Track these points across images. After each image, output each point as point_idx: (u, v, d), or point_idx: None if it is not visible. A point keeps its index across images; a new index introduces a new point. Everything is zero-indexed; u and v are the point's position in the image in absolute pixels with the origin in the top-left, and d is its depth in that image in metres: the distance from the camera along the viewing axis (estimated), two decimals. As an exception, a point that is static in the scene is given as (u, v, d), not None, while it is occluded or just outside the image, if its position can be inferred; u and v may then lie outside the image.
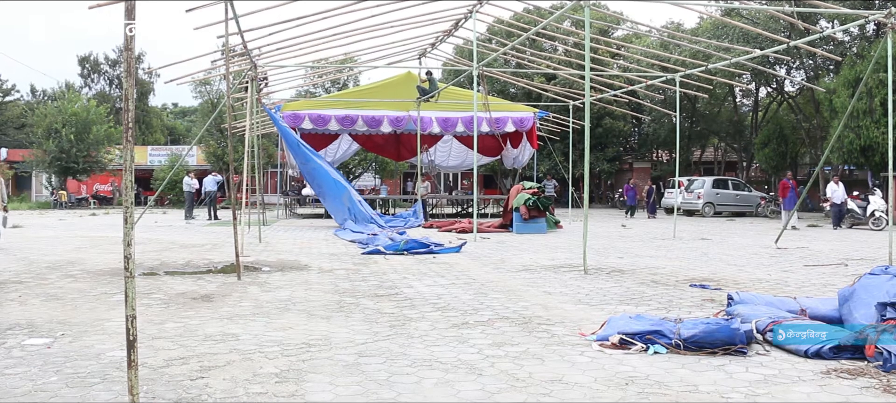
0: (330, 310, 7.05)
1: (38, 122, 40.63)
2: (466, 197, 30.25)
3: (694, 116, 41.20)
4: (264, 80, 19.30)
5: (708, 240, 16.85)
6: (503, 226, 19.52)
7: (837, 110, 26.22)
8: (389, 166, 40.48)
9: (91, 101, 43.57)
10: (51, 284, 8.82)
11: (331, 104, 24.92)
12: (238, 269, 9.59)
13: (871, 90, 24.95)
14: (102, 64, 57.55)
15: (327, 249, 13.97)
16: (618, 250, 13.89)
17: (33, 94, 58.58)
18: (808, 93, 32.92)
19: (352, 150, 29.33)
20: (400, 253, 12.70)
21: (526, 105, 27.13)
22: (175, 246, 14.64)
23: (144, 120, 54.45)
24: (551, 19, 16.26)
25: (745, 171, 41.58)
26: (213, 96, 42.59)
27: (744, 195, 31.84)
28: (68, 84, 52.50)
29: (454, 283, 9.00)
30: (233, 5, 11.10)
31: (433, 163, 29.06)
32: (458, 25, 19.32)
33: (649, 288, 8.58)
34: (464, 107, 23.24)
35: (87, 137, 39.51)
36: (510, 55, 23.36)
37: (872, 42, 27.52)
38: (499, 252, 13.35)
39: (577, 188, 28.28)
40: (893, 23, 11.74)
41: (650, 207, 29.82)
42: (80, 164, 39.60)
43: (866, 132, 25.48)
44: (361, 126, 24.27)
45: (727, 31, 27.76)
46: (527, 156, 26.10)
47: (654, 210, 29.88)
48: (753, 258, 12.65)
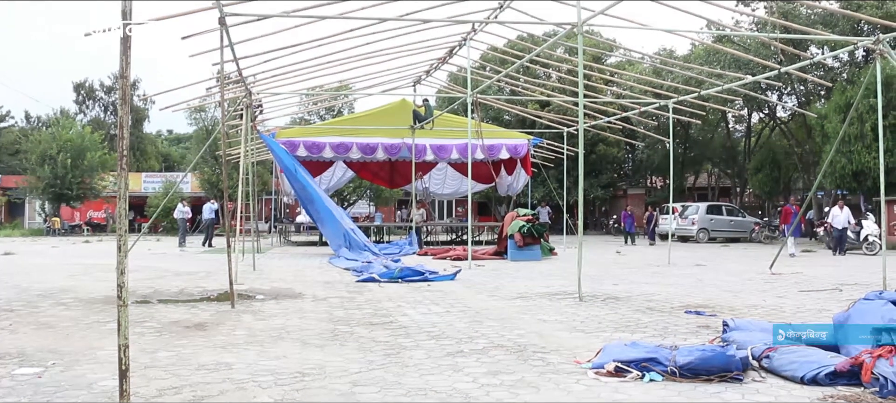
0: (324, 339, 7.01)
1: (33, 149, 40.58)
2: (461, 224, 30.24)
3: (687, 142, 41.39)
4: (259, 107, 19.36)
5: (703, 266, 16.85)
6: (498, 254, 19.49)
7: (829, 135, 26.37)
8: (384, 193, 40.48)
9: (86, 128, 43.57)
10: (42, 312, 8.76)
11: (325, 131, 24.95)
12: (232, 297, 9.54)
13: (861, 115, 25.12)
14: (97, 90, 57.63)
15: (321, 277, 13.92)
16: (613, 277, 13.87)
17: (28, 121, 58.59)
18: (800, 118, 33.10)
19: (346, 178, 29.35)
20: (394, 280, 12.65)
21: (520, 132, 27.23)
22: (169, 273, 14.57)
23: (139, 147, 54.43)
24: (545, 46, 16.39)
25: (738, 197, 41.71)
26: (207, 123, 42.62)
27: (738, 220, 31.90)
28: (63, 110, 52.54)
29: (449, 311, 8.97)
30: (228, 32, 11.15)
31: (428, 191, 29.08)
32: (453, 53, 19.44)
33: (645, 315, 8.56)
34: (458, 135, 23.32)
35: (81, 164, 39.45)
36: (504, 82, 23.49)
37: (862, 68, 27.77)
38: (494, 279, 13.32)
39: (571, 215, 28.26)
40: (882, 49, 11.84)
41: (650, 234, 29.30)
42: (74, 191, 39.50)
43: (858, 157, 25.63)
44: (356, 153, 24.29)
45: (719, 58, 27.95)
46: (521, 182, 26.15)
47: (653, 236, 29.26)
48: (748, 283, 12.65)
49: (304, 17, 12.17)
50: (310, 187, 20.41)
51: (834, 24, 25.97)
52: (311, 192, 20.31)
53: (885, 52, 11.89)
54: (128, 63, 4.94)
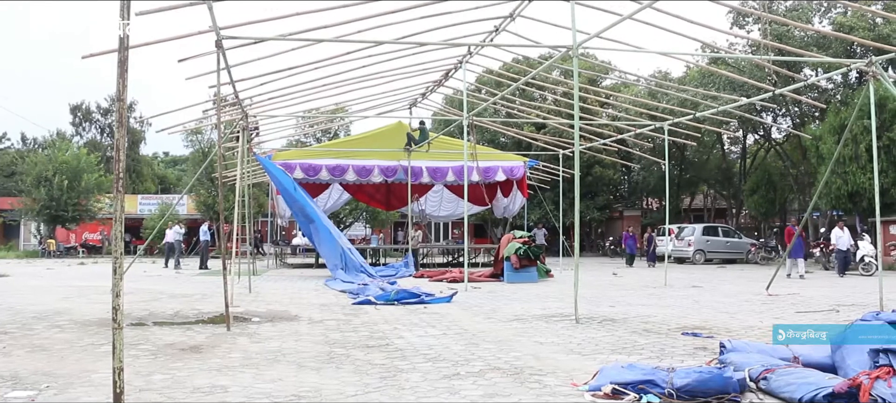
0: (320, 362, 6.98)
1: (29, 170, 40.54)
2: (457, 246, 30.21)
3: (683, 164, 41.51)
4: (255, 130, 19.39)
5: (699, 288, 16.84)
6: (494, 276, 19.46)
7: (824, 156, 26.50)
8: (380, 216, 40.46)
9: (82, 150, 43.57)
10: (37, 335, 8.71)
11: (322, 154, 24.99)
12: (227, 320, 9.50)
13: (856, 136, 25.27)
14: (94, 112, 57.68)
15: (317, 299, 13.87)
16: (609, 298, 13.85)
17: (24, 143, 58.59)
18: (794, 139, 33.27)
19: (342, 200, 29.35)
20: (391, 303, 12.61)
21: (516, 154, 27.29)
22: (164, 296, 14.52)
23: (135, 168, 54.42)
24: (540, 69, 16.46)
25: (734, 218, 41.79)
26: (204, 145, 42.66)
27: (734, 242, 31.93)
28: (60, 132, 52.57)
29: (445, 333, 8.94)
30: (225, 55, 11.19)
31: (424, 213, 29.07)
32: (449, 76, 19.53)
33: (641, 337, 8.55)
34: (454, 157, 23.36)
35: (77, 185, 39.41)
36: (500, 105, 23.55)
37: (855, 89, 27.95)
38: (490, 301, 13.29)
39: (567, 236, 28.26)
40: (875, 71, 11.92)
41: (650, 255, 28.94)
42: (70, 213, 39.42)
43: (853, 178, 25.74)
44: (352, 175, 24.30)
45: (714, 80, 28.13)
46: (517, 204, 26.17)
47: (654, 258, 28.77)
48: (745, 305, 12.63)
49: (301, 41, 12.22)
50: (308, 207, 20.36)
51: (827, 47, 26.18)
52: (310, 212, 20.26)
53: (878, 74, 11.98)
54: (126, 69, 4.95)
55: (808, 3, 28.68)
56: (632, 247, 29.25)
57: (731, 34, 27.48)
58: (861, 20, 25.90)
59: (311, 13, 11.26)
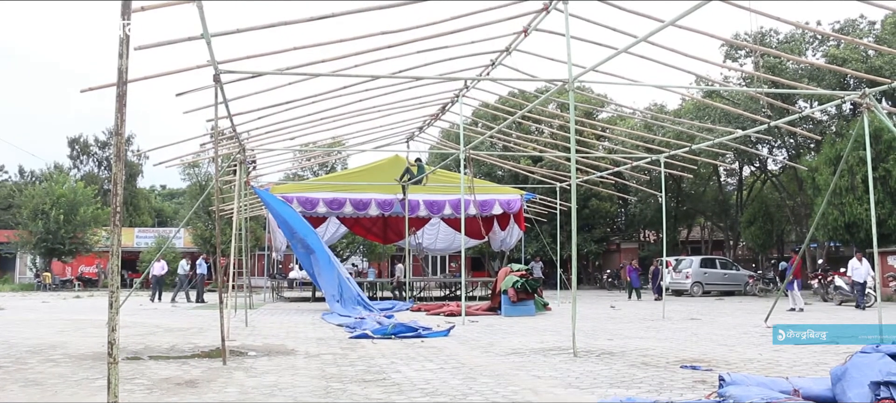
0: (317, 396, 6.91)
1: (26, 203, 40.53)
2: (454, 279, 30.13)
3: (680, 196, 41.61)
4: (253, 163, 19.40)
5: (697, 320, 16.78)
6: (492, 309, 19.38)
7: (820, 187, 26.61)
8: (377, 249, 40.41)
9: (79, 183, 43.58)
10: (31, 369, 8.64)
11: (319, 187, 25.01)
12: (223, 354, 9.43)
13: (852, 167, 25.38)
14: (92, 145, 57.77)
15: (314, 333, 13.79)
16: (607, 332, 13.80)
17: (22, 175, 58.59)
18: (791, 171, 33.41)
19: (339, 233, 29.31)
20: (388, 337, 12.55)
21: (513, 187, 27.34)
22: (160, 329, 14.43)
23: (132, 201, 54.40)
24: (537, 103, 16.55)
25: (732, 250, 41.80)
26: (201, 178, 42.72)
27: (732, 274, 31.89)
28: (57, 165, 52.61)
29: (443, 368, 8.88)
30: (223, 89, 11.24)
31: (421, 246, 29.03)
32: (445, 109, 19.61)
33: (640, 371, 8.50)
34: (451, 190, 23.38)
35: (74, 218, 39.37)
36: (497, 138, 23.63)
37: (850, 120, 28.15)
38: (487, 335, 13.23)
39: (565, 269, 28.21)
40: (869, 102, 12.01)
41: (656, 288, 28.01)
42: (66, 246, 39.33)
43: (850, 209, 25.81)
44: (349, 209, 24.30)
45: (709, 112, 28.31)
46: (515, 238, 26.15)
47: (659, 290, 27.42)
48: (744, 337, 12.58)
49: (298, 75, 12.29)
50: (310, 237, 20.21)
51: (821, 78, 26.42)
52: (311, 242, 20.10)
53: (872, 106, 12.06)
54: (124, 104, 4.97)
55: (800, 36, 28.97)
56: (635, 280, 28.55)
57: (724, 67, 27.72)
58: (854, 52, 26.16)
59: (309, 47, 11.33)
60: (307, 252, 20.31)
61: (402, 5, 10.28)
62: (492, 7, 11.51)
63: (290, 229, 20.29)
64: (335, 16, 10.14)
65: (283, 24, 10.02)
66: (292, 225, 20.06)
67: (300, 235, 20.01)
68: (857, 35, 27.20)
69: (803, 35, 28.83)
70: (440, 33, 12.10)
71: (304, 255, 20.64)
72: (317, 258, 20.05)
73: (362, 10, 10.34)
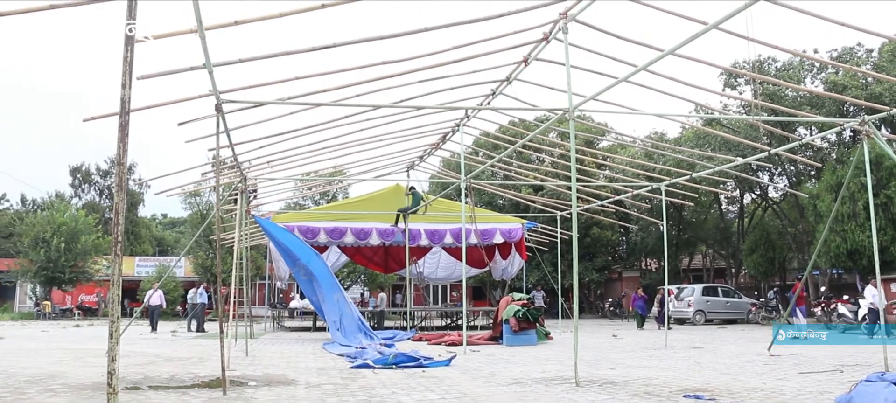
0: (317, 427, 6.86)
1: (27, 232, 40.53)
2: (456, 309, 30.04)
3: (681, 224, 41.57)
4: (254, 192, 19.43)
5: (700, 349, 16.69)
6: (493, 338, 19.29)
7: (822, 214, 26.59)
8: (378, 278, 40.33)
9: (80, 211, 43.62)
10: (29, 399, 8.58)
11: (320, 216, 25.00)
12: (224, 384, 9.37)
13: (853, 194, 25.38)
14: (94, 174, 57.90)
15: (315, 363, 13.72)
16: (609, 361, 13.71)
17: (23, 204, 58.66)
18: (791, 198, 33.41)
19: (340, 262, 29.27)
20: (389, 367, 12.47)
21: (514, 216, 27.33)
22: (160, 359, 14.35)
23: (133, 230, 54.43)
24: (538, 132, 16.59)
25: (734, 278, 41.67)
26: (202, 207, 42.77)
27: (734, 302, 31.78)
28: (58, 194, 52.69)
29: (443, 398, 8.82)
30: (224, 119, 11.29)
31: (422, 275, 28.97)
32: (446, 139, 19.66)
33: (642, 400, 8.43)
34: (452, 219, 23.37)
35: (74, 247, 39.36)
36: (497, 167, 23.67)
37: (851, 148, 28.19)
38: (489, 365, 13.15)
39: (566, 298, 28.10)
40: (868, 130, 12.04)
41: (661, 317, 27.08)
42: (67, 274, 39.28)
43: (852, 236, 25.78)
44: (350, 238, 24.27)
45: (709, 140, 28.39)
46: (516, 267, 26.09)
47: (663, 319, 26.45)
48: (747, 366, 12.50)
49: (299, 104, 12.35)
50: (313, 263, 20.09)
51: (820, 105, 26.51)
52: (313, 268, 19.98)
53: (872, 133, 12.10)
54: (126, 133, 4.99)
55: (798, 64, 29.12)
56: (642, 308, 27.93)
57: (724, 95, 27.83)
58: (853, 79, 26.27)
59: (310, 77, 11.41)
60: (309, 279, 20.21)
61: (403, 36, 10.35)
62: (492, 37, 11.58)
63: (292, 257, 20.22)
64: (336, 46, 10.20)
65: (284, 54, 10.09)
66: (294, 253, 20.00)
67: (303, 262, 19.94)
68: (855, 63, 27.34)
69: (801, 63, 28.98)
70: (441, 63, 12.17)
71: (307, 283, 20.52)
72: (319, 284, 19.96)
73: (363, 40, 10.41)
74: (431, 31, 10.33)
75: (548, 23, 11.42)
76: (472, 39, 11.50)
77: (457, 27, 10.38)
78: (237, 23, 8.67)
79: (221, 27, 8.58)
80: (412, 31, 10.29)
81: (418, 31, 10.29)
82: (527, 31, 11.66)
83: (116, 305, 4.13)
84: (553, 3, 10.49)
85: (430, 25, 10.28)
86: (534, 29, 11.63)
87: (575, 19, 10.70)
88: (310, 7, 8.82)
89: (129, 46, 5.63)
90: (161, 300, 26.81)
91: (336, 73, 11.64)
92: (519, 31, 11.58)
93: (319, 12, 8.91)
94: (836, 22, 9.76)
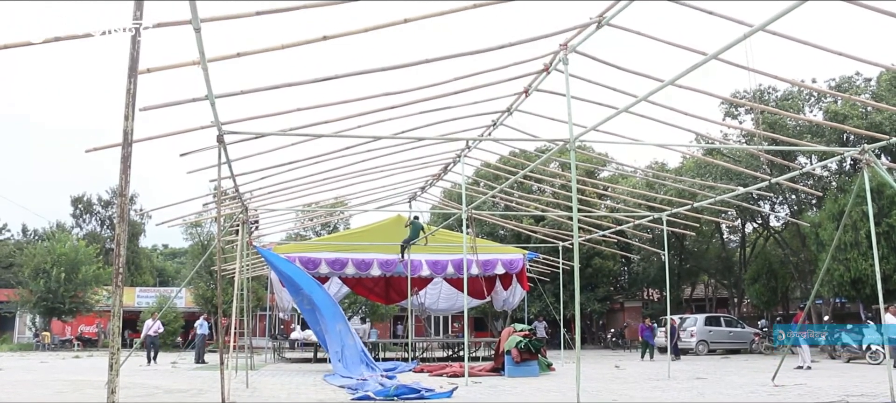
0: (317, 461, 6.79)
1: (27, 262, 40.45)
2: (457, 340, 29.87)
3: (682, 254, 41.48)
4: (255, 223, 19.43)
5: (703, 379, 16.57)
6: (495, 370, 19.15)
7: (824, 243, 26.51)
8: (379, 309, 40.18)
9: (81, 242, 43.59)
10: (28, 436, 8.51)
11: (321, 247, 24.98)
12: (223, 417, 9.30)
13: (855, 223, 25.34)
14: (95, 204, 57.88)
15: (316, 395, 13.63)
16: (612, 392, 13.61)
17: (24, 234, 58.62)
18: (793, 227, 33.35)
19: (341, 293, 29.16)
20: (390, 399, 12.39)
21: (515, 247, 27.29)
22: (160, 390, 14.26)
23: (134, 261, 54.29)
24: (538, 162, 16.62)
25: (736, 307, 41.49)
26: (203, 238, 42.73)
27: (737, 332, 31.60)
28: (60, 224, 52.65)
29: (446, 429, 8.75)
30: (226, 150, 11.32)
31: (423, 306, 28.87)
32: (447, 169, 19.70)
33: (646, 432, 8.36)
34: (453, 250, 23.33)
35: (75, 278, 39.26)
36: (499, 197, 23.68)
37: (852, 176, 28.21)
38: (491, 396, 13.06)
39: (568, 329, 27.95)
40: (868, 158, 12.06)
41: (673, 348, 25.57)
42: (67, 305, 39.13)
43: (855, 264, 25.68)
44: (351, 269, 24.21)
45: (710, 170, 28.40)
46: (517, 297, 25.99)
47: (678, 350, 26.27)
48: (751, 396, 12.41)
49: (301, 136, 12.40)
50: (315, 294, 19.99)
51: (821, 134, 26.57)
52: (316, 297, 19.88)
53: (872, 162, 12.12)
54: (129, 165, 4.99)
55: (797, 93, 29.23)
56: (649, 338, 26.89)
57: (724, 125, 27.92)
58: (853, 108, 26.36)
59: (312, 108, 11.46)
60: (312, 309, 20.12)
61: (405, 67, 10.41)
62: (493, 68, 11.65)
63: (295, 286, 20.15)
64: (338, 77, 10.26)
65: (286, 86, 10.15)
66: (297, 283, 19.94)
67: (306, 291, 19.86)
68: (854, 92, 27.45)
69: (800, 92, 29.11)
70: (442, 94, 12.23)
71: (310, 312, 20.41)
72: (321, 314, 19.86)
73: (365, 71, 10.46)
74: (433, 62, 10.39)
75: (548, 54, 11.49)
76: (473, 70, 11.57)
77: (458, 58, 10.45)
78: (240, 55, 8.73)
79: (224, 59, 8.64)
80: (413, 63, 10.36)
81: (420, 63, 10.36)
82: (527, 62, 11.74)
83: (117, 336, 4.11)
84: (553, 35, 10.57)
85: (432, 57, 10.35)
86: (534, 60, 11.71)
87: (575, 50, 10.78)
88: (312, 39, 8.88)
89: (131, 78, 5.67)
90: (159, 330, 26.58)
91: (338, 105, 11.70)
92: (520, 62, 11.65)
93: (321, 43, 8.97)
94: (834, 52, 9.82)
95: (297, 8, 8.01)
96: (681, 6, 9.41)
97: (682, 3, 9.24)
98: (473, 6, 8.89)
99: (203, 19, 7.19)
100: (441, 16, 8.99)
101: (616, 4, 9.42)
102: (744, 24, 8.62)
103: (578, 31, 10.37)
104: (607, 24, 9.89)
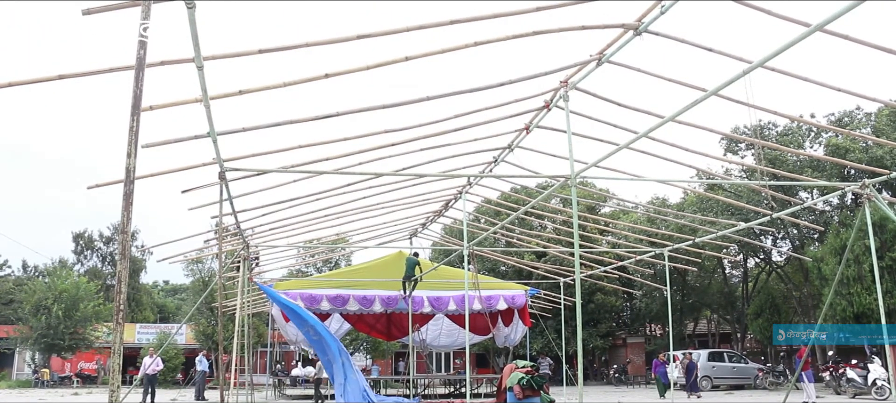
0: None
1: (27, 298, 40.30)
2: (459, 376, 29.63)
3: (685, 289, 41.32)
4: (256, 259, 19.41)
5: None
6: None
7: (827, 278, 26.40)
8: (381, 346, 39.95)
9: (81, 278, 43.47)
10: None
11: (322, 284, 24.86)
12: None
13: (858, 257, 25.25)
14: (96, 240, 57.84)
15: (316, 433, 13.49)
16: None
17: (25, 270, 58.48)
18: (796, 262, 33.25)
19: (343, 330, 28.99)
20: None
21: (517, 283, 27.19)
22: (158, 431, 14.13)
23: (135, 297, 54.08)
24: (539, 198, 16.64)
25: (740, 343, 41.22)
26: (204, 274, 42.62)
27: (740, 367, 31.38)
28: (61, 260, 52.55)
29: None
30: (227, 186, 11.35)
31: (424, 343, 28.68)
32: (448, 206, 19.71)
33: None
34: (455, 286, 23.24)
35: (75, 314, 39.08)
36: (500, 234, 23.65)
37: (853, 211, 28.19)
38: (493, 433, 12.92)
39: (571, 365, 27.74)
40: (870, 193, 12.06)
41: (691, 384, 25.71)
42: (66, 341, 38.89)
43: (858, 299, 25.54)
44: (353, 305, 24.05)
45: (711, 205, 28.39)
46: (519, 334, 25.82)
47: (696, 387, 25.83)
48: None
49: (302, 173, 12.42)
50: (319, 325, 19.85)
51: (822, 169, 26.59)
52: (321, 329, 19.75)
53: (873, 197, 12.12)
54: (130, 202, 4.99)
55: (797, 128, 29.33)
56: (664, 375, 25.20)
57: (725, 160, 27.99)
58: (854, 143, 26.41)
59: (313, 146, 11.49)
60: (320, 340, 20.01)
61: (405, 105, 10.46)
62: (494, 105, 11.70)
63: (300, 319, 20.06)
64: (339, 115, 10.31)
65: (287, 123, 10.19)
66: (301, 315, 19.87)
67: (310, 323, 19.78)
68: (854, 127, 27.54)
69: (800, 128, 29.21)
70: (443, 131, 12.27)
71: (318, 343, 20.28)
72: (328, 344, 19.74)
73: (365, 109, 10.51)
74: (434, 99, 10.44)
75: (549, 91, 11.54)
76: (473, 108, 11.61)
77: (459, 96, 10.50)
78: (242, 92, 8.78)
79: (226, 97, 8.69)
80: (414, 100, 10.41)
81: (420, 100, 10.41)
82: (528, 99, 11.78)
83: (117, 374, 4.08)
84: (554, 72, 10.63)
85: (433, 94, 10.40)
86: (535, 97, 11.75)
87: (576, 87, 10.83)
88: (314, 77, 8.94)
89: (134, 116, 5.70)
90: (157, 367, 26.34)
91: (339, 142, 11.73)
92: (520, 99, 11.70)
93: (322, 81, 9.03)
94: (833, 88, 9.88)
95: (299, 47, 8.07)
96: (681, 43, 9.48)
97: (682, 41, 9.30)
98: (474, 44, 8.96)
99: (206, 57, 7.24)
100: (442, 54, 9.05)
101: (616, 42, 9.49)
102: (743, 61, 8.67)
103: (579, 69, 10.43)
104: (607, 61, 9.95)
